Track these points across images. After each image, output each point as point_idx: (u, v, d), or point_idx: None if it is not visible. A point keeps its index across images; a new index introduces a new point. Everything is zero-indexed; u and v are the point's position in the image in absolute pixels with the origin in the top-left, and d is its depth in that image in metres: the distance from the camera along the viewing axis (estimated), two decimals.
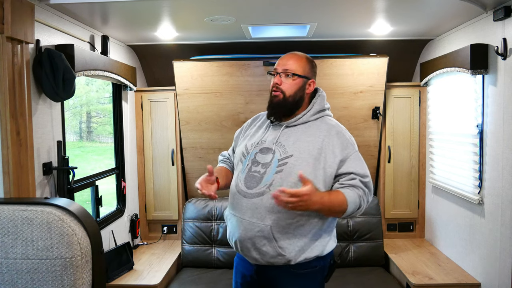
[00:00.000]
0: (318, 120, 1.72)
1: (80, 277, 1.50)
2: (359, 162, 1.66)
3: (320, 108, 1.74)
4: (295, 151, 1.64)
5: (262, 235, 1.61)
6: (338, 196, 1.57)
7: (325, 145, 1.64)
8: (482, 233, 2.39)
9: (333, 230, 1.76)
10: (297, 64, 1.70)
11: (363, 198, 1.62)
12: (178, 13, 2.34)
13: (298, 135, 1.68)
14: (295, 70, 1.69)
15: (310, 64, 1.74)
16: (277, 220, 1.60)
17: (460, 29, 2.58)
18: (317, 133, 1.67)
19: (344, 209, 1.57)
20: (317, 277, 1.71)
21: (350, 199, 1.56)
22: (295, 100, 1.70)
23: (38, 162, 1.96)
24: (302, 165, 1.61)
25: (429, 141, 3.10)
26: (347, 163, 1.64)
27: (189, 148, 3.20)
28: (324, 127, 1.69)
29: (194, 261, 3.04)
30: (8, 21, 1.66)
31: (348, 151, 1.65)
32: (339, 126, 1.73)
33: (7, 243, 1.48)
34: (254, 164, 1.69)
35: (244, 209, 1.66)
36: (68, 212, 1.52)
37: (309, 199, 1.47)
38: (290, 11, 2.31)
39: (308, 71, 1.72)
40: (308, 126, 1.70)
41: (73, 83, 2.02)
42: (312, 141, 1.65)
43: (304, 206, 1.48)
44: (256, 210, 1.62)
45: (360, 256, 2.98)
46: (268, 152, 1.68)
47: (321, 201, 1.53)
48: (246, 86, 2.98)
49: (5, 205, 1.54)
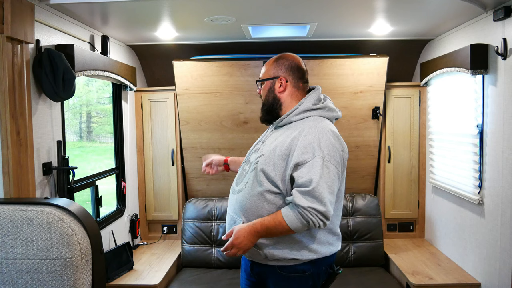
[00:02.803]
0: (301, 121, 1.65)
1: (80, 277, 1.50)
2: (311, 169, 1.52)
3: (306, 108, 1.66)
4: (267, 151, 1.65)
5: None
6: (274, 218, 1.58)
7: (291, 146, 1.59)
8: (482, 233, 2.39)
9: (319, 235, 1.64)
10: (264, 70, 1.76)
11: (306, 212, 1.51)
12: (178, 13, 2.34)
13: (278, 135, 1.68)
14: (261, 77, 1.77)
15: (275, 63, 1.72)
16: (248, 217, 1.64)
17: (460, 29, 2.58)
18: (291, 134, 1.62)
19: (285, 228, 1.55)
20: (307, 282, 1.66)
21: (288, 218, 1.54)
22: (268, 103, 1.74)
23: (38, 162, 1.96)
24: (269, 164, 1.61)
25: (429, 141, 3.10)
26: (300, 169, 1.54)
27: (189, 148, 3.20)
28: (299, 128, 1.62)
29: (194, 261, 3.04)
30: (8, 21, 1.66)
31: (307, 156, 1.54)
32: (314, 127, 1.59)
33: (7, 243, 1.48)
34: (246, 163, 1.77)
35: (230, 204, 1.75)
36: (68, 212, 1.52)
37: (240, 241, 1.59)
38: (290, 11, 2.31)
39: (272, 71, 1.72)
40: (289, 127, 1.67)
41: (73, 83, 2.02)
42: (282, 141, 1.62)
43: (243, 247, 1.60)
44: (235, 205, 1.70)
45: (360, 256, 2.98)
46: (256, 152, 1.73)
47: (254, 231, 1.59)
48: (246, 86, 2.98)
49: (5, 205, 1.54)
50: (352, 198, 3.13)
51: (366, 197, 3.14)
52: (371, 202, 3.10)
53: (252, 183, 1.64)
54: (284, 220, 1.55)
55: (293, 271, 1.64)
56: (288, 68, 1.70)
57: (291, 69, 1.71)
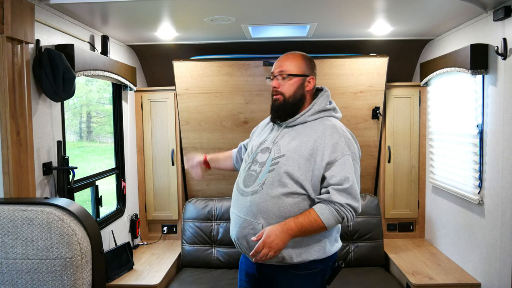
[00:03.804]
0: (317, 121, 1.69)
1: (80, 277, 1.50)
2: (344, 167, 1.59)
3: (320, 108, 1.71)
4: (288, 151, 1.64)
5: (254, 233, 1.63)
6: (308, 216, 1.57)
7: (317, 146, 1.61)
8: (482, 233, 2.39)
9: (332, 233, 1.71)
10: (292, 64, 1.71)
11: (341, 210, 1.57)
12: (178, 13, 2.34)
13: (294, 135, 1.68)
14: (290, 70, 1.70)
15: (306, 61, 1.73)
16: (268, 219, 1.61)
17: (460, 29, 2.58)
18: (311, 134, 1.65)
19: (320, 225, 1.56)
20: (316, 279, 1.69)
21: (324, 216, 1.55)
22: (295, 100, 1.71)
23: (38, 162, 1.96)
24: (293, 165, 1.61)
25: (429, 141, 3.10)
26: (333, 167, 1.59)
27: (189, 148, 3.20)
28: (319, 128, 1.65)
29: (194, 261, 3.04)
30: (8, 21, 1.66)
31: (337, 154, 1.59)
32: (336, 127, 1.66)
33: (7, 243, 1.48)
34: (253, 163, 1.73)
35: (240, 207, 1.69)
36: (68, 212, 1.52)
37: (272, 240, 1.53)
38: (290, 11, 2.31)
39: (304, 68, 1.71)
40: (305, 127, 1.69)
41: (73, 83, 2.02)
42: (305, 142, 1.63)
43: (275, 247, 1.54)
44: (250, 208, 1.65)
45: (360, 256, 2.98)
46: (266, 152, 1.70)
47: (288, 228, 1.56)
48: (246, 86, 2.98)
49: (5, 205, 1.54)
50: None
51: (366, 197, 3.14)
52: (371, 202, 3.10)
53: (272, 184, 1.62)
54: (320, 218, 1.55)
55: (304, 269, 1.66)
56: (315, 69, 1.76)
57: (315, 70, 1.76)
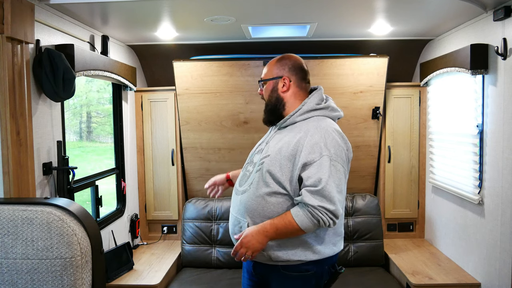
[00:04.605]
0: (305, 121, 1.66)
1: (80, 277, 1.50)
2: (319, 169, 1.53)
3: (310, 108, 1.67)
4: (273, 151, 1.65)
5: (241, 231, 1.66)
6: (284, 218, 1.57)
7: (297, 147, 1.59)
8: (482, 233, 2.39)
9: (323, 236, 1.65)
10: (266, 70, 1.76)
11: (315, 213, 1.52)
12: (178, 13, 2.34)
13: (282, 136, 1.68)
14: (263, 77, 1.76)
15: (278, 63, 1.73)
16: (253, 218, 1.64)
17: (460, 29, 2.58)
18: (296, 135, 1.62)
19: (295, 227, 1.55)
20: (310, 281, 1.67)
21: (298, 218, 1.54)
22: (272, 102, 1.73)
23: (38, 162, 1.96)
24: (275, 165, 1.61)
25: (429, 141, 3.10)
26: (308, 169, 1.55)
27: (189, 148, 3.20)
28: (304, 128, 1.62)
29: (194, 261, 3.04)
30: (8, 21, 1.66)
31: (314, 156, 1.55)
32: (319, 127, 1.60)
33: (7, 243, 1.48)
34: (249, 164, 1.77)
35: (233, 205, 1.75)
36: (68, 212, 1.52)
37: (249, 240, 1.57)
38: (290, 11, 2.31)
39: (276, 71, 1.72)
40: (294, 127, 1.67)
41: (73, 83, 2.02)
42: (288, 142, 1.62)
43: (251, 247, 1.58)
44: (240, 206, 1.69)
45: (360, 256, 2.98)
46: (260, 152, 1.73)
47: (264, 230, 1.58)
48: (246, 86, 2.98)
49: (5, 205, 1.54)
50: (352, 198, 3.13)
51: (366, 197, 3.14)
52: (371, 202, 3.10)
53: (257, 184, 1.64)
54: (294, 220, 1.54)
55: (296, 270, 1.65)
56: (292, 68, 1.71)
57: (294, 69, 1.71)
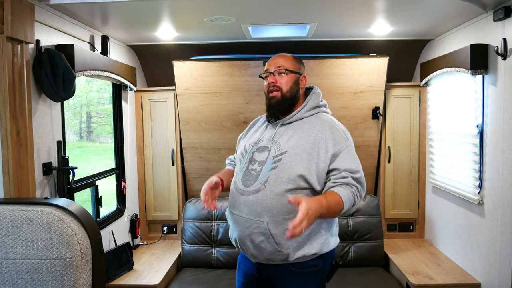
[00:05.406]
0: (313, 117, 1.75)
1: (80, 277, 1.50)
2: (351, 157, 1.66)
3: (314, 104, 1.77)
4: (289, 147, 1.67)
5: (259, 231, 1.63)
6: (334, 197, 1.57)
7: (318, 140, 1.66)
8: (482, 233, 2.39)
9: (332, 228, 1.74)
10: (288, 61, 1.77)
11: (357, 195, 1.61)
12: (178, 13, 2.34)
13: (292, 132, 1.71)
14: (287, 66, 1.75)
15: (298, 60, 1.81)
16: (273, 217, 1.62)
17: (460, 29, 2.58)
18: (310, 129, 1.69)
19: (341, 208, 1.57)
20: (317, 276, 1.71)
21: (345, 198, 1.56)
22: (292, 94, 1.75)
23: (38, 162, 1.96)
24: (296, 160, 1.63)
25: (429, 141, 3.10)
26: (339, 158, 1.64)
27: (189, 148, 3.20)
28: (317, 123, 1.71)
29: (194, 261, 3.04)
30: (8, 21, 1.66)
31: (341, 146, 1.65)
32: (332, 121, 1.74)
33: (7, 243, 1.48)
34: (251, 163, 1.74)
35: (241, 206, 1.69)
36: (68, 212, 1.52)
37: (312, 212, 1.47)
38: (290, 11, 2.31)
39: (298, 67, 1.79)
40: (302, 123, 1.73)
41: (73, 83, 2.02)
42: (305, 137, 1.67)
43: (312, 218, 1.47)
44: (253, 207, 1.65)
45: (360, 256, 2.98)
46: (264, 150, 1.72)
47: (321, 205, 1.52)
48: (246, 86, 2.98)
49: (5, 205, 1.54)
50: None
51: (366, 197, 3.13)
52: (371, 202, 3.10)
53: (275, 182, 1.63)
54: (342, 199, 1.54)
55: (305, 266, 1.67)
56: (304, 69, 1.83)
57: (305, 70, 1.85)
